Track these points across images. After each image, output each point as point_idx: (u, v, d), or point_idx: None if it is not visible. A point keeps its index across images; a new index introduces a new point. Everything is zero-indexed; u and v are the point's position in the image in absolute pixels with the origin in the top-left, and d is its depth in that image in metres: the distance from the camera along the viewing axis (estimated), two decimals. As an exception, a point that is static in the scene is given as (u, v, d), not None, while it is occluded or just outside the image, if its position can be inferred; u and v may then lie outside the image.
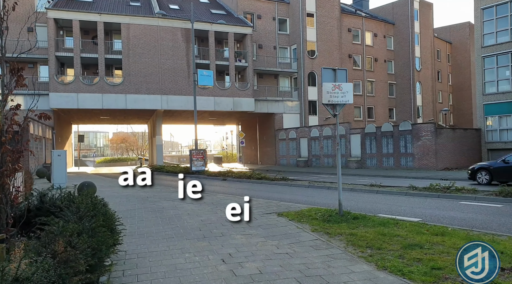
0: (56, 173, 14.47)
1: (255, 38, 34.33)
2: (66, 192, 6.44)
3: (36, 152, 23.66)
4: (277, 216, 8.39)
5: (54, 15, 27.00)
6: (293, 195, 13.04)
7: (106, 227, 4.84)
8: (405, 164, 24.79)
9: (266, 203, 10.26)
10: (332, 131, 29.61)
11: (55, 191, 6.85)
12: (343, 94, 7.45)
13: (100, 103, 27.97)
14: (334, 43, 35.95)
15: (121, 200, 11.46)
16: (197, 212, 9.25)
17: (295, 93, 36.12)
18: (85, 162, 58.98)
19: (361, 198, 11.84)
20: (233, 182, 19.03)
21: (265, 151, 37.40)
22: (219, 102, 31.27)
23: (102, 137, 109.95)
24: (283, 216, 8.25)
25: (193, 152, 24.89)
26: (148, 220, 8.45)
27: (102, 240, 4.01)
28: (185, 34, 30.18)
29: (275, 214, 8.58)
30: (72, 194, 6.38)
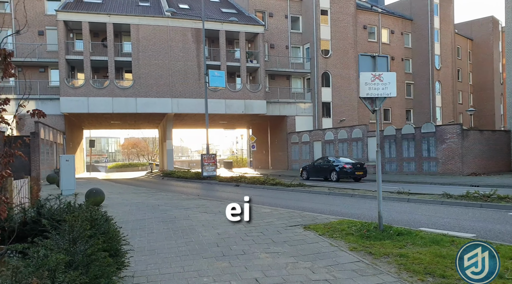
0: (64, 179, 13.79)
1: (267, 37, 33.50)
2: (65, 202, 5.65)
3: (47, 157, 23.17)
4: (303, 229, 7.44)
5: (63, 17, 26.64)
6: (314, 204, 12.05)
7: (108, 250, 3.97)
8: (428, 168, 23.52)
9: (288, 213, 9.31)
10: (348, 134, 28.49)
11: (55, 200, 6.06)
12: (385, 86, 6.48)
13: (110, 107, 27.44)
14: (349, 41, 34.86)
15: (130, 208, 10.65)
16: (212, 223, 8.35)
17: (308, 95, 35.13)
18: (97, 167, 58.88)
19: (392, 207, 10.78)
20: (246, 188, 18.12)
21: (277, 155, 36.42)
22: (230, 105, 30.47)
23: (114, 143, 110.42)
24: (310, 230, 7.29)
25: (204, 156, 24.08)
26: (159, 232, 7.58)
27: (100, 271, 3.12)
28: (195, 34, 29.52)
29: (301, 227, 7.63)
30: (72, 204, 5.58)
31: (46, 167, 22.39)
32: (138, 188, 18.31)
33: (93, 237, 3.74)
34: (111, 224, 4.96)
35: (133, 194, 14.75)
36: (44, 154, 22.62)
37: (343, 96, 34.52)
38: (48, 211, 5.45)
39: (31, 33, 28.07)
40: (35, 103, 26.90)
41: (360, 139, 27.49)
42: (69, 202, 5.30)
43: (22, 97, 4.52)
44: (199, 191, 17.76)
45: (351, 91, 34.89)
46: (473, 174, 21.45)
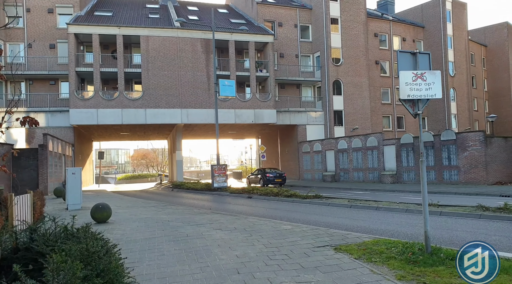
0: (71, 193, 13.15)
1: (276, 46, 33.03)
2: (62, 226, 4.95)
3: (55, 169, 22.70)
4: (334, 251, 6.61)
5: (74, 30, 26.54)
6: (337, 218, 11.18)
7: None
8: (449, 177, 22.45)
9: (312, 231, 8.48)
10: (362, 143, 27.57)
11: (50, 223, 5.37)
12: (428, 86, 5.73)
13: (120, 119, 27.05)
14: (360, 49, 34.19)
15: (139, 224, 9.92)
16: (229, 242, 7.57)
17: (318, 103, 34.40)
18: (106, 179, 58.63)
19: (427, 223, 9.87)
20: (259, 200, 17.30)
21: (287, 165, 35.57)
22: (240, 115, 29.87)
23: (123, 154, 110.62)
24: (342, 251, 6.47)
25: (215, 167, 23.37)
26: (171, 254, 6.82)
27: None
28: (205, 45, 29.16)
29: (331, 248, 6.80)
30: (69, 228, 4.88)
31: (54, 180, 21.92)
32: (147, 201, 17.61)
33: (87, 280, 2.97)
34: (113, 258, 4.21)
35: (142, 208, 14.04)
36: (52, 167, 22.17)
37: (356, 105, 33.70)
38: (42, 236, 4.74)
39: (43, 46, 28.09)
40: (45, 115, 26.70)
41: (376, 148, 26.56)
42: (65, 226, 4.59)
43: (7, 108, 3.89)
44: (211, 203, 16.99)
45: (364, 99, 34.07)
46: (499, 183, 20.34)
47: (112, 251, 4.48)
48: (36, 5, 28.22)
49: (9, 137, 25.73)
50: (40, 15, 28.23)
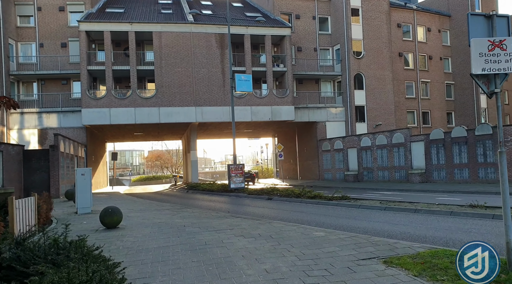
0: (80, 196, 12.22)
1: (294, 40, 31.73)
2: (52, 237, 3.87)
3: (67, 171, 22.02)
4: (384, 265, 5.37)
5: (86, 27, 25.89)
6: (373, 222, 9.88)
7: None
8: (485, 176, 20.73)
9: (351, 238, 7.22)
10: (387, 140, 26.01)
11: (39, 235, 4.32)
12: (509, 57, 4.42)
13: (133, 118, 26.25)
14: (383, 40, 32.53)
15: (152, 230, 8.85)
16: (254, 253, 6.39)
17: (339, 99, 32.92)
18: (121, 181, 58.33)
19: (482, 227, 8.49)
20: (281, 202, 16.07)
21: (306, 164, 34.21)
22: (257, 112, 28.70)
23: (138, 156, 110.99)
24: (395, 266, 5.23)
25: (231, 167, 22.27)
26: (188, 267, 5.69)
27: None
28: (219, 40, 28.12)
29: (379, 261, 5.56)
30: (61, 241, 3.78)
31: (66, 182, 21.20)
32: (161, 203, 16.60)
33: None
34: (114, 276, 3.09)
35: (155, 211, 13.00)
36: (64, 168, 21.48)
37: (379, 99, 32.08)
38: (30, 250, 3.66)
39: (54, 45, 27.58)
40: (57, 116, 26.19)
41: (402, 145, 24.97)
42: (55, 239, 3.52)
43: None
44: (228, 206, 15.86)
45: (387, 94, 32.42)
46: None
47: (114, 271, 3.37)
48: (47, 3, 27.71)
49: (22, 138, 25.27)
50: (51, 14, 27.71)
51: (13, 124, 25.50)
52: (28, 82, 27.67)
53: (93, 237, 8.04)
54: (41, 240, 3.62)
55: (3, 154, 17.35)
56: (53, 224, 9.87)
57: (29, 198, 7.89)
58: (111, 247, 7.07)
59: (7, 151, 18.16)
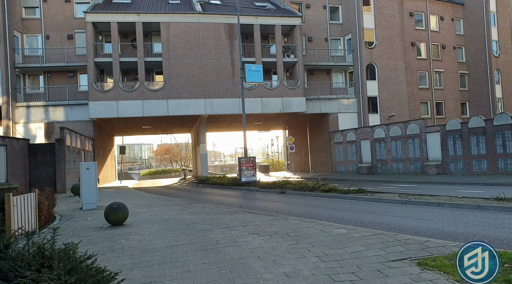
0: (85, 191, 11.77)
1: (304, 30, 30.84)
2: (37, 244, 3.29)
3: (74, 165, 21.67)
4: (418, 267, 4.79)
5: (92, 18, 25.38)
6: (395, 217, 9.23)
7: None
8: (504, 167, 19.84)
9: (376, 236, 6.61)
10: (402, 131, 25.15)
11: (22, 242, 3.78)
12: None
13: (141, 111, 25.79)
14: (395, 29, 31.45)
15: (159, 227, 8.34)
16: (271, 253, 5.82)
17: (351, 90, 32.02)
18: (130, 175, 58.34)
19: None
20: (294, 196, 15.47)
21: (318, 157, 33.50)
22: (267, 104, 28.02)
23: (147, 149, 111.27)
24: (431, 268, 4.67)
25: (242, 160, 21.70)
26: (198, 270, 5.15)
27: None
28: (228, 30, 27.41)
29: (412, 263, 4.98)
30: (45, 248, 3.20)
31: (73, 177, 20.83)
32: (170, 198, 16.12)
33: None
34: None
35: (164, 206, 12.50)
36: (71, 162, 21.10)
37: (391, 90, 31.11)
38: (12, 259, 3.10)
39: (60, 37, 27.13)
40: (64, 109, 25.84)
41: (417, 136, 24.11)
42: (39, 247, 2.96)
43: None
44: (240, 200, 15.31)
45: (400, 84, 31.42)
46: None
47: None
48: (53, -6, 27.23)
49: (28, 132, 24.99)
50: (57, 5, 27.23)
51: (19, 118, 25.16)
52: (34, 75, 27.26)
53: (96, 236, 7.56)
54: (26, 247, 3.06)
55: (7, 148, 16.98)
56: (56, 221, 9.42)
57: (29, 194, 7.41)
58: (115, 247, 6.56)
59: (12, 145, 17.80)
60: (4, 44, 23.95)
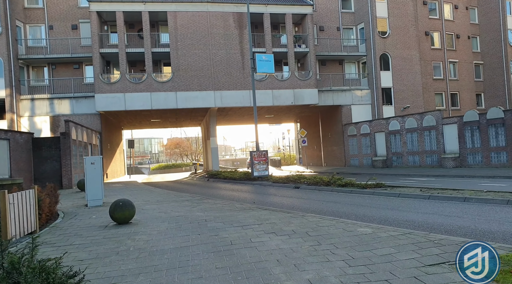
0: (90, 187, 11.26)
1: (315, 19, 29.89)
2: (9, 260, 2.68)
3: (80, 160, 21.27)
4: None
5: (97, 7, 24.78)
6: (421, 214, 8.55)
7: None
8: (527, 159, 18.90)
9: (405, 237, 5.97)
10: (418, 123, 24.24)
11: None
12: None
13: (149, 104, 25.27)
14: (409, 18, 30.31)
15: (168, 226, 7.79)
16: (291, 255, 5.24)
17: (364, 81, 31.06)
18: (140, 169, 58.14)
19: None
20: (309, 191, 14.82)
21: (330, 150, 32.71)
22: (278, 96, 27.29)
23: (157, 144, 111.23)
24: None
25: (254, 153, 21.11)
26: (211, 276, 4.58)
27: None
28: (238, 19, 26.63)
29: (452, 268, 4.43)
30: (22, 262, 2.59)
31: (79, 171, 20.36)
32: (180, 193, 15.60)
33: None
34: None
35: (173, 202, 11.97)
36: (77, 157, 20.65)
37: (406, 81, 30.08)
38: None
39: (64, 27, 26.47)
40: (69, 102, 25.38)
41: (434, 128, 23.20)
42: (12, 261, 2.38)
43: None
44: (253, 195, 14.73)
45: (415, 75, 30.36)
46: None
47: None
48: (56, -17, 26.61)
49: (33, 126, 24.63)
50: (61, -7, 26.62)
51: (23, 112, 24.75)
52: (38, 66, 26.75)
53: (100, 235, 7.03)
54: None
55: (9, 142, 16.55)
56: (58, 219, 8.92)
57: (28, 191, 6.89)
58: (120, 248, 6.02)
59: (15, 138, 17.36)
60: (6, 34, 23.43)
